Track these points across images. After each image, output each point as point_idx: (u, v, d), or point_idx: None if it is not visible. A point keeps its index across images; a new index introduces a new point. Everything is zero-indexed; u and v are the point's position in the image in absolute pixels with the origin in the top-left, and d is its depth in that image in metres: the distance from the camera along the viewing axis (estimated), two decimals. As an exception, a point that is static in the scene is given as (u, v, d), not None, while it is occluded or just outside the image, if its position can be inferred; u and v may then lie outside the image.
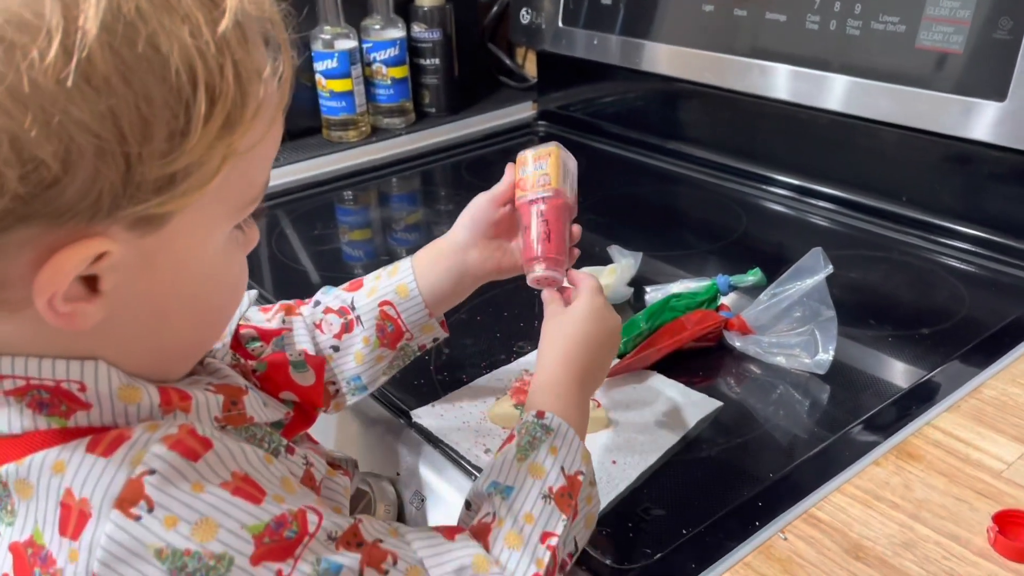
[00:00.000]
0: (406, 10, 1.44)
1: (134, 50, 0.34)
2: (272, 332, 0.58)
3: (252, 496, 0.40)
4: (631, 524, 0.62)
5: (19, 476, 0.39)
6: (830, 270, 0.79)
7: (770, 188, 1.19)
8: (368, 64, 1.40)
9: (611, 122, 1.44)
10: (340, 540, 0.43)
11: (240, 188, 0.42)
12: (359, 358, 0.66)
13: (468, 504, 0.55)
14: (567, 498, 0.53)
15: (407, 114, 1.46)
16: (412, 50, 1.45)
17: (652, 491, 0.66)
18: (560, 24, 1.42)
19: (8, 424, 0.40)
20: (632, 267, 0.92)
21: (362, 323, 0.65)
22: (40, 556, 0.39)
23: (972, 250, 0.99)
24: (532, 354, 0.82)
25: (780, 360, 0.80)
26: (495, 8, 1.60)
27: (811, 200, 1.15)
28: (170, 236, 0.40)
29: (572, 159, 0.71)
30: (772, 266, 0.87)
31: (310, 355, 0.56)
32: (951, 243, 1.01)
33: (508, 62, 1.64)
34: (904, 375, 0.79)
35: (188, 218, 0.40)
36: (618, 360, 0.80)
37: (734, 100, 1.20)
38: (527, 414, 0.57)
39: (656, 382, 0.78)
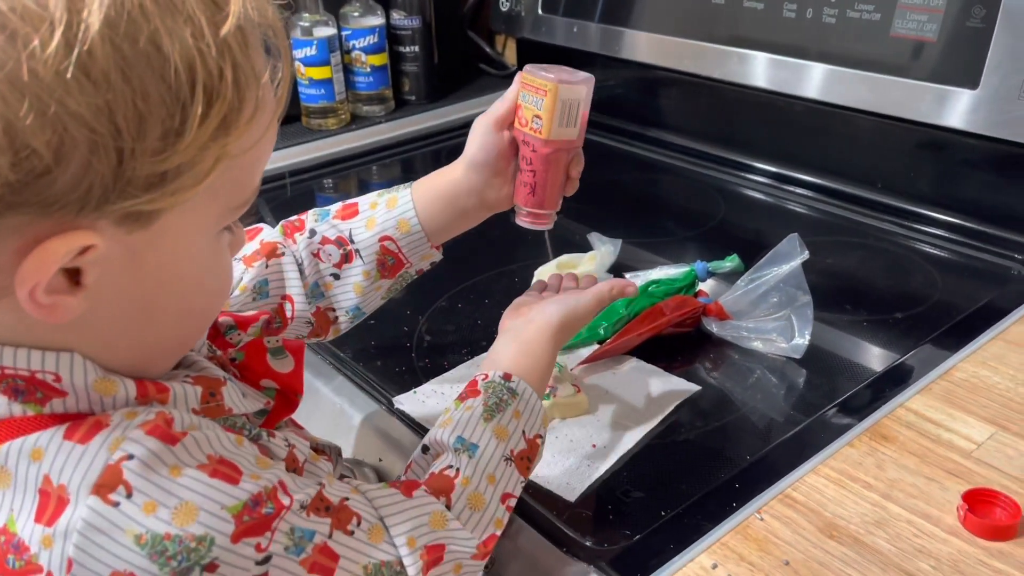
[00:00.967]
0: (385, -3, 1.44)
1: (135, 47, 0.35)
2: (249, 319, 0.58)
3: (230, 477, 0.40)
4: (611, 506, 0.63)
5: None
6: (806, 256, 0.81)
7: (748, 175, 1.20)
8: (347, 51, 1.40)
9: (591, 109, 1.44)
10: (310, 507, 0.44)
11: (232, 190, 0.43)
12: (358, 289, 0.66)
13: (425, 448, 0.56)
14: (526, 461, 0.56)
15: (387, 102, 1.46)
16: (392, 37, 1.45)
17: (631, 474, 0.67)
18: (540, 12, 1.43)
19: None
20: (612, 254, 0.93)
21: (362, 257, 0.65)
22: (12, 544, 0.39)
23: (945, 236, 1.01)
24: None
25: (757, 345, 0.81)
26: (475, -5, 1.60)
27: (788, 187, 1.16)
28: (158, 234, 0.40)
29: (581, 84, 0.62)
30: (750, 252, 0.88)
31: (288, 341, 0.56)
32: (925, 229, 1.03)
33: (488, 50, 1.64)
34: (878, 358, 0.81)
35: (177, 217, 0.40)
36: (598, 346, 0.81)
37: (713, 88, 1.21)
38: (494, 372, 0.58)
39: (635, 367, 0.79)
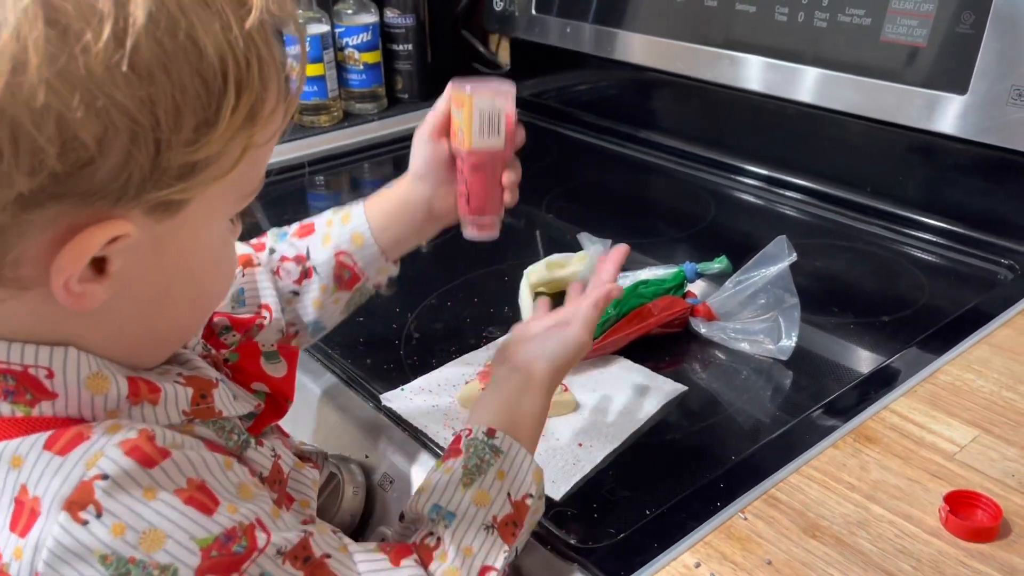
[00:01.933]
0: (379, -5, 1.44)
1: (175, 40, 0.36)
2: (246, 321, 0.58)
3: (205, 506, 0.40)
4: (596, 505, 0.64)
5: None
6: (794, 258, 0.81)
7: (739, 178, 1.21)
8: (340, 49, 1.40)
9: (583, 110, 1.44)
10: (288, 554, 0.43)
11: (245, 179, 0.44)
12: (317, 304, 0.67)
13: (402, 516, 0.55)
14: (511, 527, 0.53)
15: (379, 99, 1.46)
16: (385, 35, 1.45)
17: (617, 473, 0.67)
18: (534, 12, 1.43)
19: None
20: (601, 254, 0.93)
21: (319, 273, 0.66)
22: None
23: (933, 240, 1.01)
24: (502, 339, 0.83)
25: (744, 346, 0.81)
26: (469, -5, 1.60)
27: (778, 190, 1.16)
28: (181, 222, 0.41)
29: (500, 94, 0.63)
30: (739, 254, 0.89)
31: (283, 346, 0.56)
32: (913, 233, 1.03)
33: (482, 49, 1.64)
34: (864, 361, 0.81)
35: (200, 205, 0.41)
36: (586, 345, 0.81)
37: (705, 90, 1.22)
38: (477, 428, 0.55)
39: (623, 367, 0.80)
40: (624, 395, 0.76)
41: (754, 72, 1.14)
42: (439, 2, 1.53)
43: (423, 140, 0.67)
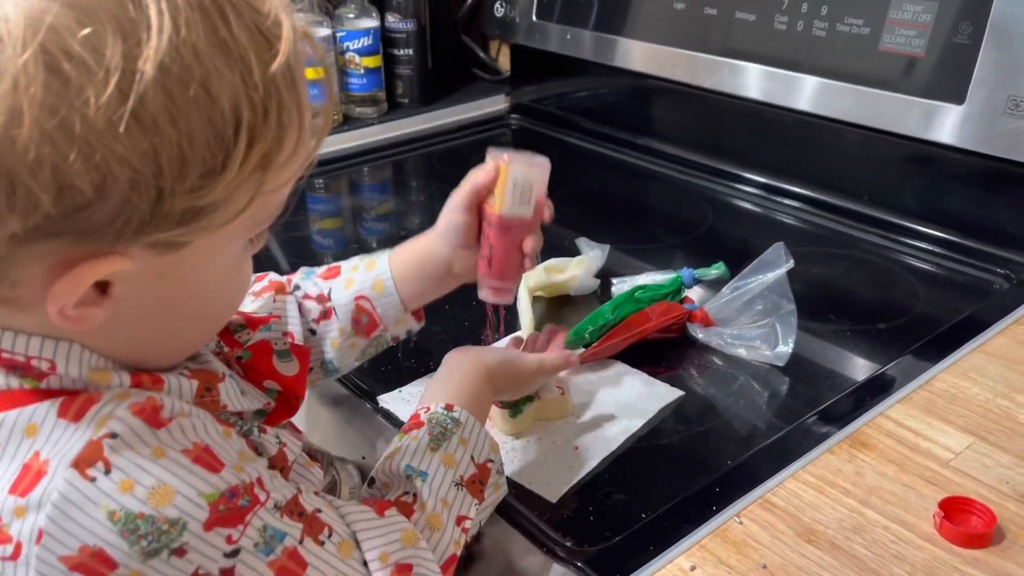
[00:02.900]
0: (380, 0, 1.44)
1: (186, 92, 0.35)
2: (259, 320, 0.58)
3: (211, 465, 0.41)
4: (592, 508, 0.64)
5: None
6: (791, 265, 0.81)
7: (737, 185, 1.21)
8: (341, 53, 1.40)
9: (583, 117, 1.45)
10: (284, 508, 0.44)
11: (264, 208, 0.43)
12: (334, 344, 0.67)
13: (372, 481, 0.56)
14: (478, 484, 0.56)
15: (380, 104, 1.47)
16: (386, 40, 1.45)
17: (613, 476, 0.67)
18: (534, 18, 1.43)
19: None
20: (599, 259, 0.93)
21: (338, 315, 0.67)
22: None
23: (930, 249, 1.02)
24: (502, 342, 0.84)
25: (741, 352, 0.81)
26: (470, 0, 1.60)
27: (777, 198, 1.17)
28: (187, 254, 0.41)
29: (536, 167, 0.66)
30: (736, 261, 0.89)
31: (295, 345, 0.57)
32: (910, 242, 1.04)
33: (482, 54, 1.65)
34: (860, 368, 0.82)
35: (206, 242, 0.41)
36: (584, 349, 0.82)
37: (704, 97, 1.22)
38: (436, 405, 0.59)
39: (620, 371, 0.80)
40: (621, 399, 0.76)
41: (753, 80, 1.14)
42: (440, 7, 1.54)
43: (454, 206, 0.67)
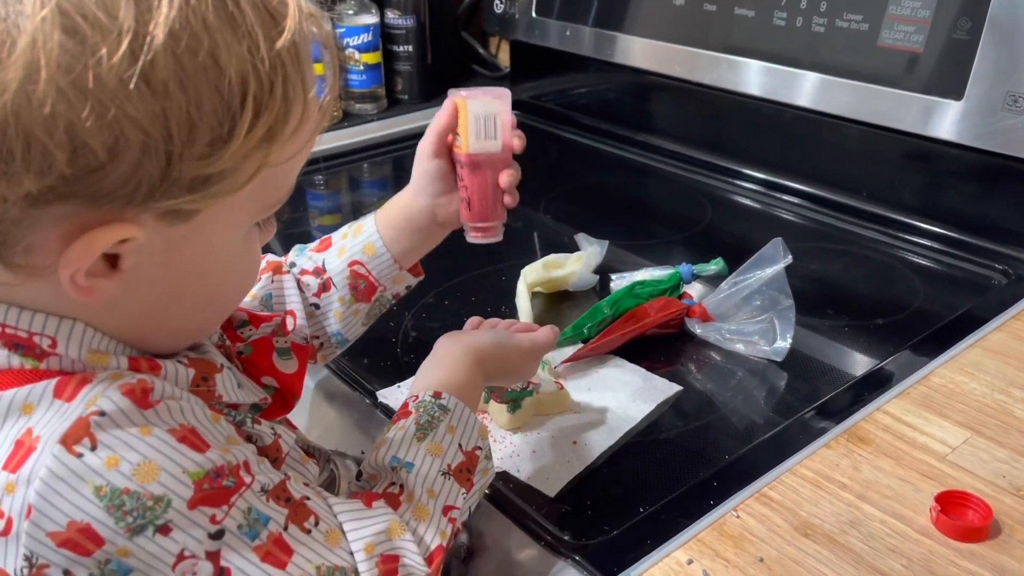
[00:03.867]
0: (380, -4, 1.44)
1: (195, 59, 0.37)
2: (262, 317, 0.58)
3: (197, 445, 0.41)
4: (589, 502, 0.64)
5: None
6: (789, 260, 0.82)
7: (736, 181, 1.21)
8: (341, 49, 1.40)
9: (583, 113, 1.45)
10: (271, 493, 0.44)
11: (271, 189, 0.44)
12: (337, 315, 0.68)
13: (359, 474, 0.56)
14: (466, 473, 0.56)
15: (379, 100, 1.47)
16: (385, 36, 1.45)
17: (611, 470, 0.68)
18: (534, 14, 1.44)
19: None
20: (598, 255, 0.94)
21: (335, 284, 0.67)
22: None
23: (928, 245, 1.02)
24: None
25: (739, 347, 0.82)
26: (469, -3, 1.61)
27: (776, 194, 1.17)
28: (196, 228, 0.41)
29: (496, 99, 0.65)
30: (735, 256, 0.89)
31: (296, 344, 0.57)
32: (909, 238, 1.04)
33: (481, 51, 1.65)
34: (858, 363, 0.82)
35: (216, 214, 0.42)
36: (582, 345, 0.82)
37: (703, 94, 1.22)
38: (424, 392, 0.58)
39: (619, 366, 0.80)
40: (619, 394, 0.76)
41: (752, 76, 1.14)
42: (440, 4, 1.54)
43: (423, 154, 0.68)
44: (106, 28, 0.35)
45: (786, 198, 1.16)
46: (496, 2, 1.49)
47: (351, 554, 0.47)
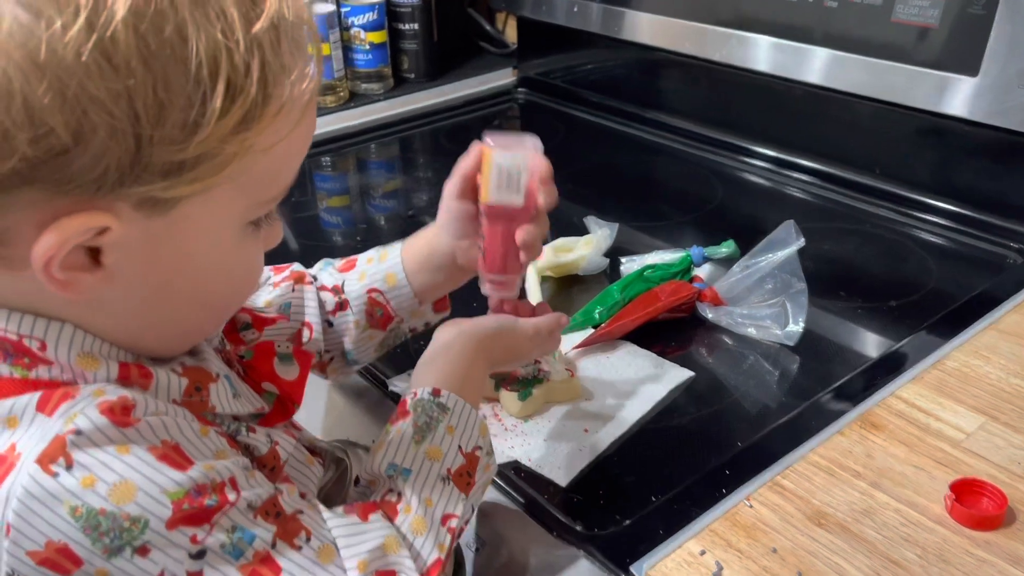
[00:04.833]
0: (385, -26, 1.42)
1: (159, 36, 0.35)
2: (266, 320, 0.58)
3: (178, 463, 0.40)
4: (602, 491, 0.64)
5: None
6: (801, 243, 0.81)
7: (747, 159, 1.20)
8: (346, 28, 1.39)
9: (591, 90, 1.43)
10: (259, 509, 0.43)
11: (261, 184, 0.43)
12: (350, 336, 0.67)
13: (357, 480, 0.55)
14: (466, 476, 0.53)
15: (385, 79, 1.45)
16: (391, 14, 1.44)
17: (623, 459, 0.67)
18: (540, -10, 1.42)
19: None
20: (608, 238, 0.93)
21: (352, 308, 0.66)
22: None
23: (942, 223, 1.01)
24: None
25: (751, 331, 0.81)
26: (475, -28, 1.59)
27: (787, 172, 1.16)
28: (178, 221, 0.40)
29: (522, 150, 0.61)
30: (747, 237, 0.88)
31: (299, 349, 0.56)
32: (922, 216, 1.03)
33: (488, 28, 1.63)
34: (871, 346, 0.81)
35: (200, 207, 0.40)
36: (592, 330, 0.81)
37: (713, 70, 1.21)
38: (423, 390, 0.56)
39: (630, 352, 0.80)
40: (630, 381, 0.76)
41: (763, 52, 1.13)
42: (445, -20, 1.52)
43: (448, 195, 0.65)
44: (63, 1, 0.34)
45: (797, 176, 1.14)
46: (502, -22, 1.47)
47: (344, 571, 0.45)
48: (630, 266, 0.91)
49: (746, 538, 0.57)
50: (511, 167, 0.60)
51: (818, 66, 1.07)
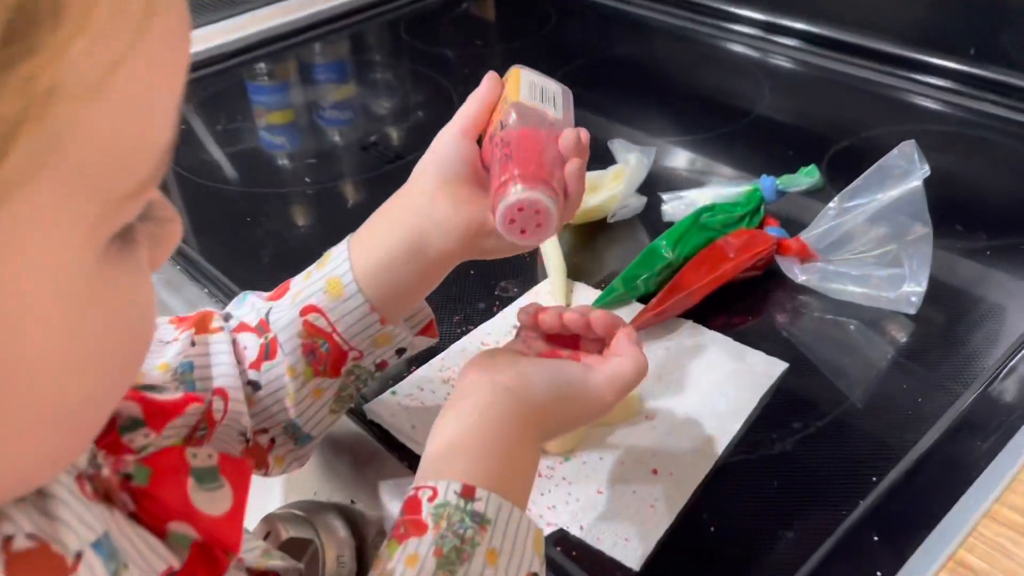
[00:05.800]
0: None
1: None
2: (169, 408, 0.34)
3: None
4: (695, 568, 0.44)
5: None
6: (926, 171, 0.58)
7: (783, 39, 0.95)
8: None
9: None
10: None
11: (103, 167, 0.21)
12: (290, 397, 0.44)
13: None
14: None
15: (327, -41, 1.17)
16: None
17: (715, 513, 0.47)
18: None
19: None
20: (644, 167, 0.69)
21: (282, 346, 0.43)
22: None
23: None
24: (523, 299, 0.61)
25: (854, 294, 0.59)
26: None
27: (867, 63, 0.91)
28: None
29: (550, 80, 0.48)
30: (835, 162, 0.65)
31: (229, 459, 0.33)
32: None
33: None
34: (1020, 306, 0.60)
35: (7, 219, 0.20)
36: (639, 307, 0.60)
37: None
38: (446, 486, 0.36)
39: (696, 338, 0.58)
40: (705, 385, 0.54)
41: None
42: None
43: (447, 136, 0.45)
44: None
45: (866, 64, 0.90)
46: None
47: None
48: (676, 207, 0.68)
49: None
50: (544, 86, 0.47)
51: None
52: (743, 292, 0.62)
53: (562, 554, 0.45)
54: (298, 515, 0.50)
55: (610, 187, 0.68)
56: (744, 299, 0.61)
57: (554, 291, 0.62)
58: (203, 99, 0.99)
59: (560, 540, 0.46)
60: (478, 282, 0.64)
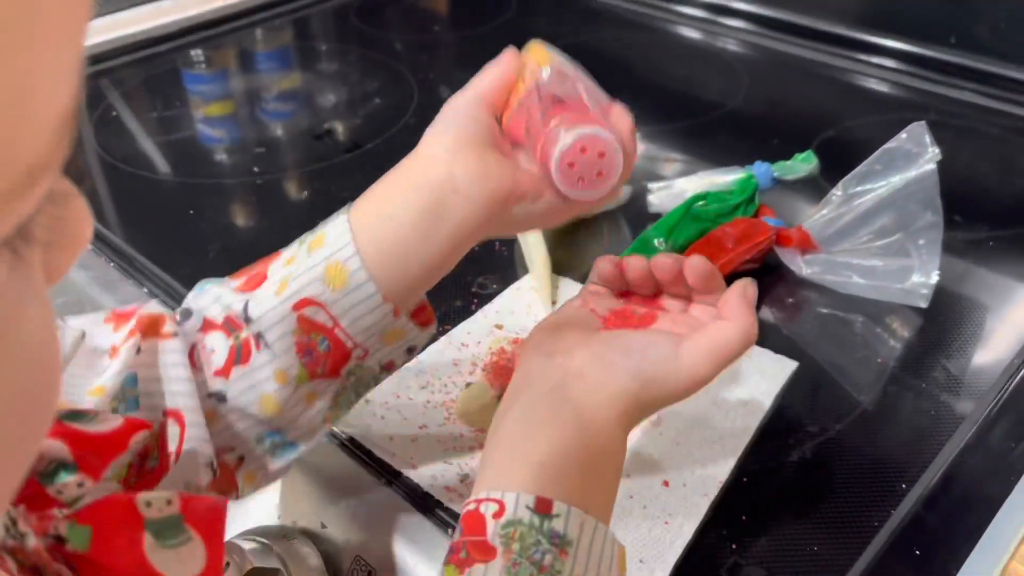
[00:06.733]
0: None
1: None
2: (107, 444, 0.27)
3: None
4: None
5: None
6: (936, 155, 0.55)
7: (781, 33, 0.92)
8: None
9: None
10: None
11: None
12: (269, 405, 0.36)
13: None
14: None
15: (269, -60, 1.10)
16: None
17: (735, 529, 0.42)
18: None
19: None
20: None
21: (268, 343, 0.36)
22: None
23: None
24: (504, 296, 0.56)
25: (859, 286, 0.56)
26: None
27: (857, 55, 0.89)
28: None
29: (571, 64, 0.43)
30: (829, 147, 0.62)
31: (192, 499, 0.26)
32: None
33: None
34: (1029, 299, 0.57)
35: None
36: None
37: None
38: (515, 498, 0.31)
39: (696, 335, 0.53)
40: (713, 387, 0.49)
41: None
42: None
43: (467, 100, 0.39)
44: None
45: (875, 60, 0.87)
46: None
47: None
48: (664, 197, 0.63)
49: None
50: (568, 68, 0.41)
51: None
52: (740, 286, 0.57)
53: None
54: (261, 542, 0.43)
55: (593, 175, 0.63)
56: (742, 294, 0.57)
57: (539, 286, 0.57)
58: (133, 87, 0.91)
59: None
60: (453, 277, 0.58)
